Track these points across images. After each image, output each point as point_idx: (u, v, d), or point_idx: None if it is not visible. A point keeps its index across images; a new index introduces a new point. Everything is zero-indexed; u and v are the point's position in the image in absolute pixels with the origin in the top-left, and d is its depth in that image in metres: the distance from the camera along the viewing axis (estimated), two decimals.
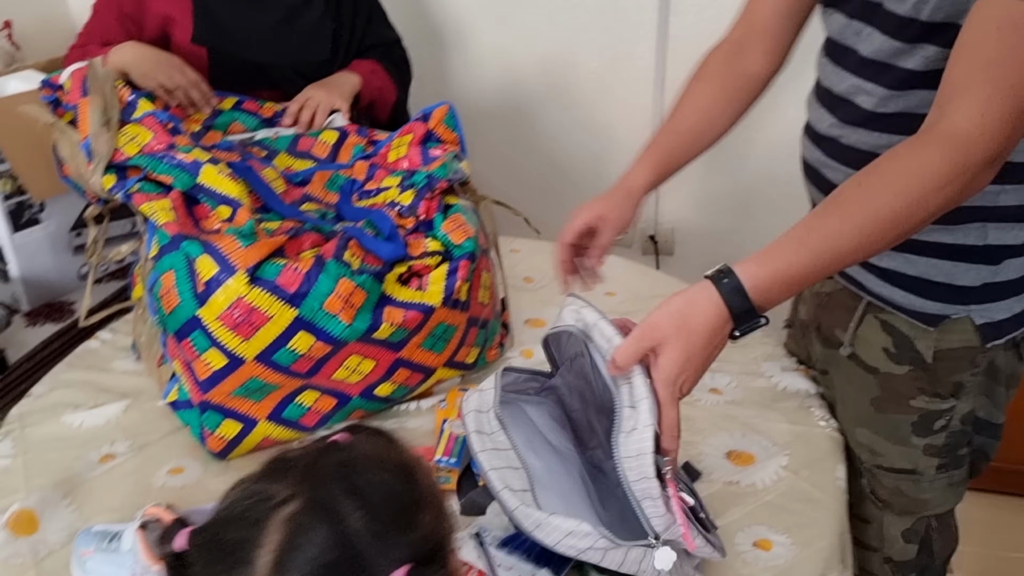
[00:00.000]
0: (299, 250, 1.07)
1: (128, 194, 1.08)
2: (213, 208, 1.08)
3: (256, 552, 0.54)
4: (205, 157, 1.10)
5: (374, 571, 0.55)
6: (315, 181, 1.26)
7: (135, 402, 1.26)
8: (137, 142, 1.13)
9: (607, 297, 1.54)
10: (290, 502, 0.56)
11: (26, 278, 1.63)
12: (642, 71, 1.95)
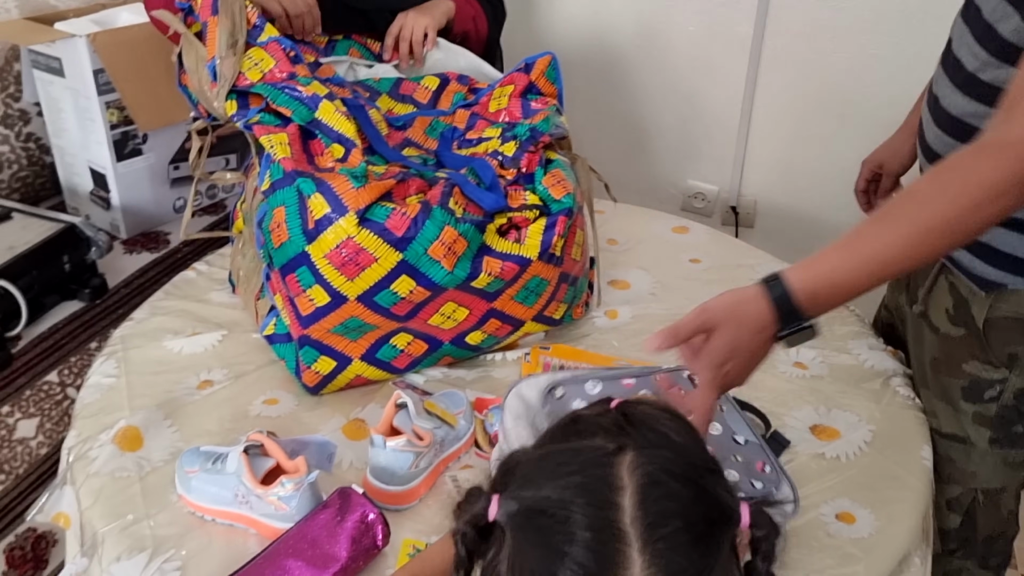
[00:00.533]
0: (405, 194, 1.09)
1: (248, 124, 1.11)
2: (328, 146, 1.10)
3: (613, 496, 0.54)
4: (323, 92, 1.12)
5: (727, 506, 0.57)
6: (416, 126, 1.27)
7: (231, 333, 1.30)
8: (260, 68, 1.14)
9: (692, 264, 1.54)
10: (626, 451, 0.56)
11: (126, 207, 1.68)
12: (739, 39, 1.92)
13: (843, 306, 1.40)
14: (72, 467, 1.07)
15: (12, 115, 1.71)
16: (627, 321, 1.37)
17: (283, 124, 1.12)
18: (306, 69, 1.17)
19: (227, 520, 0.97)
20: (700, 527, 0.54)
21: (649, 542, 0.52)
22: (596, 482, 0.55)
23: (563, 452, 0.58)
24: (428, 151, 1.26)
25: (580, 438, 0.59)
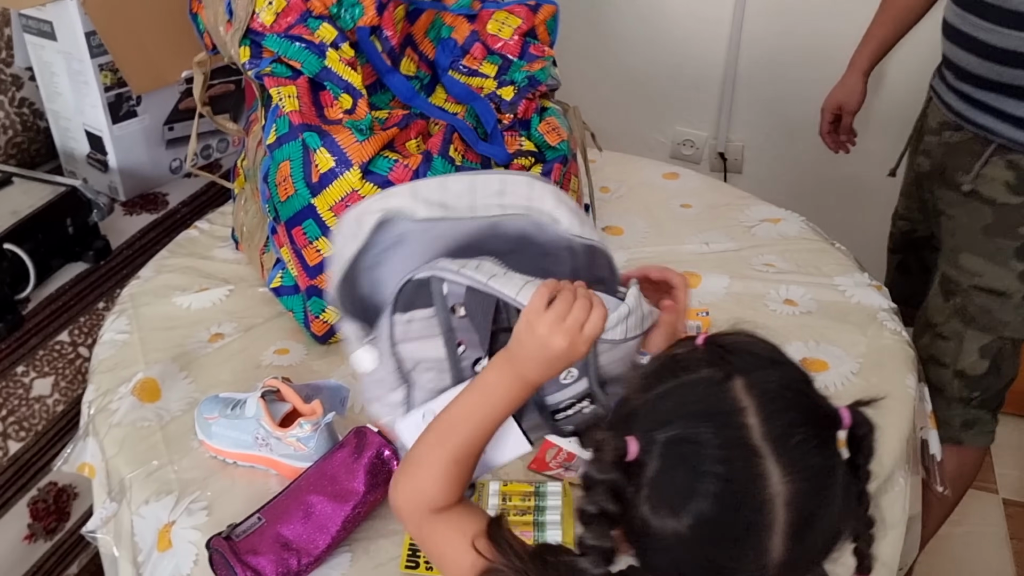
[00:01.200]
0: (407, 140, 1.11)
1: (260, 75, 1.13)
2: (337, 96, 1.11)
3: (737, 417, 0.58)
4: (331, 36, 1.12)
5: (832, 410, 0.62)
6: (421, 20, 1.25)
7: (238, 288, 1.34)
8: (274, 8, 1.14)
9: (683, 209, 1.58)
10: (734, 376, 0.60)
11: (123, 169, 1.70)
12: None
13: (829, 241, 1.47)
14: (94, 419, 1.11)
15: (4, 80, 1.72)
16: (623, 265, 1.39)
17: (294, 76, 1.13)
18: (321, 5, 1.15)
19: (248, 463, 1.02)
20: (820, 431, 0.60)
21: (782, 453, 0.57)
22: (719, 408, 0.59)
23: (679, 388, 0.62)
24: (422, 61, 1.25)
25: (688, 373, 0.63)
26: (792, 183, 2.07)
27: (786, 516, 0.57)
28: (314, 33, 1.15)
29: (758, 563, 0.58)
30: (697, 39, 2.03)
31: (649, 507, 0.60)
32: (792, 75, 2.00)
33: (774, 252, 1.45)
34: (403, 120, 1.13)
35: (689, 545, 0.59)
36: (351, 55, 1.14)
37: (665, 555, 0.61)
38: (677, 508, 0.59)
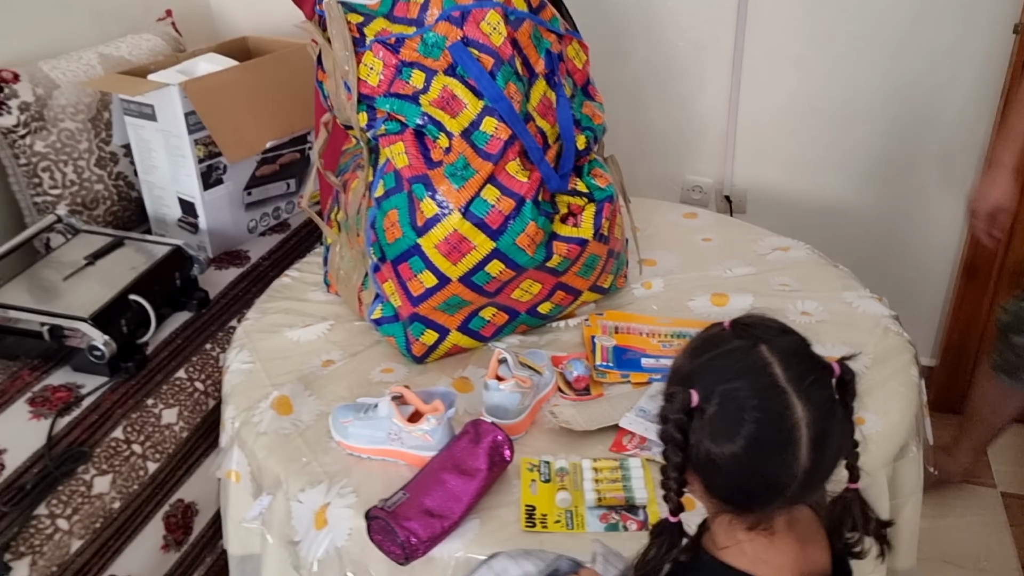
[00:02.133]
0: (508, 162, 1.33)
1: (376, 136, 1.36)
2: (435, 138, 1.34)
3: (767, 369, 0.80)
4: (421, 82, 1.33)
5: (828, 363, 0.83)
6: (524, 28, 1.41)
7: (337, 322, 1.57)
8: (375, 71, 1.36)
9: (705, 243, 1.83)
10: (759, 343, 0.82)
11: (211, 229, 1.93)
12: (723, 52, 2.22)
13: (833, 264, 1.72)
14: (239, 432, 1.32)
15: (104, 157, 1.96)
16: (661, 290, 1.66)
17: (400, 130, 1.36)
18: (415, 43, 1.35)
19: (381, 456, 1.23)
20: (822, 376, 0.82)
21: (801, 390, 0.79)
22: (752, 364, 0.82)
23: (719, 355, 0.85)
24: (527, 65, 1.40)
25: (724, 344, 0.85)
26: (791, 219, 2.33)
27: (808, 433, 0.79)
28: (408, 82, 1.36)
29: (792, 471, 0.80)
30: (701, 97, 2.30)
31: (710, 439, 0.82)
32: (785, 126, 2.28)
33: (787, 275, 1.69)
34: (503, 148, 1.33)
35: (744, 462, 0.81)
36: (438, 93, 1.33)
37: (726, 475, 0.83)
38: (732, 435, 0.81)
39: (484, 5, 1.38)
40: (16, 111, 1.80)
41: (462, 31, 1.36)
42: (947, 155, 2.16)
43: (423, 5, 1.41)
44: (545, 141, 1.42)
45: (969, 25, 2.01)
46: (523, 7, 1.43)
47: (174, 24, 2.26)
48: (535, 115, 1.41)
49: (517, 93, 1.36)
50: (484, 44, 1.35)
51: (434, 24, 1.37)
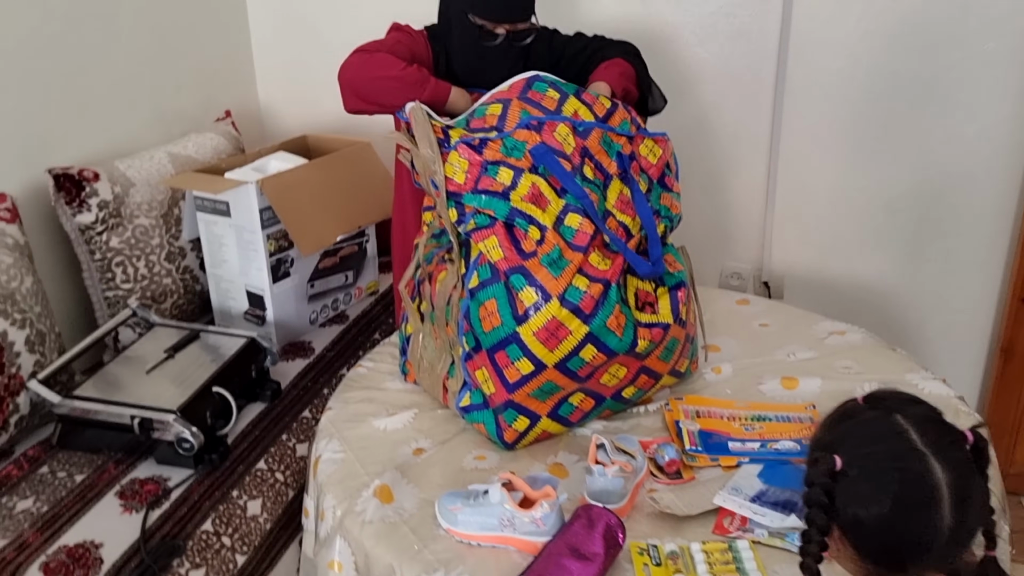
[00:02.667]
0: (591, 254, 1.40)
1: (468, 232, 1.43)
2: (526, 230, 1.40)
3: (904, 435, 0.86)
4: (508, 179, 1.40)
5: (959, 430, 0.88)
6: (593, 136, 1.50)
7: (420, 411, 1.60)
8: (461, 169, 1.43)
9: (762, 328, 1.89)
10: (892, 411, 0.88)
11: (278, 321, 1.98)
12: (759, 141, 2.33)
13: (891, 347, 1.78)
14: (343, 522, 1.34)
15: (173, 252, 2.01)
16: (730, 374, 1.71)
17: (491, 224, 1.42)
18: (497, 145, 1.43)
19: (492, 543, 1.25)
20: (959, 441, 0.87)
21: (938, 453, 0.85)
22: (890, 431, 0.87)
23: (857, 424, 0.91)
24: (599, 169, 1.49)
25: (860, 415, 0.91)
26: (827, 302, 2.40)
27: (949, 493, 0.84)
28: (496, 179, 1.43)
29: (937, 529, 0.85)
30: (738, 187, 2.40)
31: (857, 501, 0.87)
32: (821, 212, 2.37)
33: (848, 358, 1.74)
34: (588, 241, 1.40)
35: (891, 522, 0.86)
36: (527, 189, 1.40)
37: (875, 536, 0.87)
38: (878, 496, 0.86)
39: (554, 118, 1.49)
40: (96, 209, 1.86)
41: (540, 136, 1.46)
42: (978, 240, 2.25)
43: (501, 115, 1.51)
44: (627, 232, 1.49)
45: (993, 118, 2.13)
46: (590, 118, 1.54)
47: (234, 123, 2.35)
48: (614, 211, 1.49)
49: (592, 194, 1.44)
50: (560, 150, 1.45)
51: (513, 131, 1.46)
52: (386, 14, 2.53)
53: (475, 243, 1.43)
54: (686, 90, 2.33)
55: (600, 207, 1.47)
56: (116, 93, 2.10)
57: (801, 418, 1.52)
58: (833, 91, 2.24)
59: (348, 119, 2.64)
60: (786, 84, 2.26)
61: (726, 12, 2.25)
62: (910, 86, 2.17)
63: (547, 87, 1.56)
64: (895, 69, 2.17)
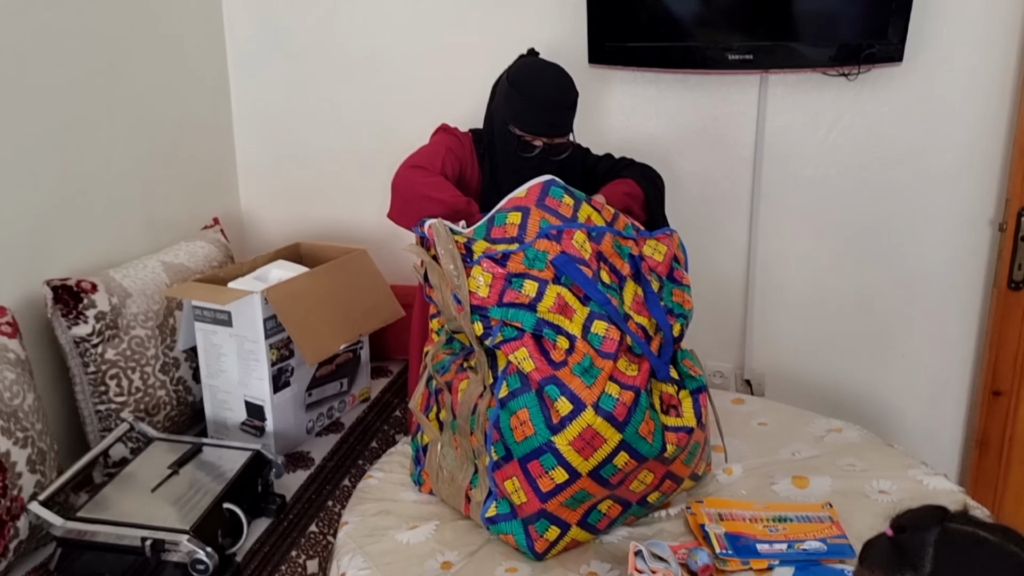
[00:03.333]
0: (619, 360, 1.42)
1: (495, 344, 1.44)
2: (554, 340, 1.43)
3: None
4: (533, 291, 1.43)
5: None
6: (606, 240, 1.54)
7: (442, 522, 1.57)
8: (484, 282, 1.45)
9: (761, 427, 1.93)
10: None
11: (277, 432, 1.94)
12: (737, 247, 2.43)
13: (888, 443, 1.83)
14: None
15: (168, 363, 1.97)
16: (742, 475, 1.73)
17: (519, 335, 1.44)
18: (520, 257, 1.46)
19: None
20: None
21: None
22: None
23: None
24: (614, 272, 1.53)
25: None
26: (806, 399, 2.47)
27: None
28: (521, 292, 1.46)
29: None
30: (718, 290, 2.49)
31: None
32: (798, 313, 2.46)
33: (850, 455, 1.79)
34: (616, 347, 1.43)
35: None
36: (553, 300, 1.43)
37: None
38: None
39: (571, 225, 1.54)
40: (92, 320, 1.82)
41: (560, 245, 1.50)
42: (949, 336, 2.36)
43: (521, 224, 1.55)
44: (647, 334, 1.52)
45: (953, 221, 2.27)
46: (601, 222, 1.59)
47: (222, 231, 2.34)
48: (632, 314, 1.52)
49: (613, 298, 1.48)
50: (579, 257, 1.49)
51: (534, 241, 1.50)
52: (366, 131, 2.61)
53: (504, 354, 1.44)
54: (668, 196, 2.42)
55: (620, 310, 1.50)
56: (108, 202, 2.09)
57: (821, 517, 1.55)
58: (806, 197, 2.36)
59: (330, 226, 2.68)
60: (762, 190, 2.38)
61: (704, 124, 2.37)
62: (878, 192, 2.30)
63: (562, 193, 1.61)
64: (864, 176, 2.31)
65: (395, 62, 2.55)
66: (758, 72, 2.24)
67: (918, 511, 0.98)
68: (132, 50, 2.18)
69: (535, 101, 1.82)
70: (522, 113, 1.82)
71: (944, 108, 2.20)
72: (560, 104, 1.84)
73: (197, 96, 2.47)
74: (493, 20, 2.44)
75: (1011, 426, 2.30)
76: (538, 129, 1.82)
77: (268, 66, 2.64)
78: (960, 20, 2.13)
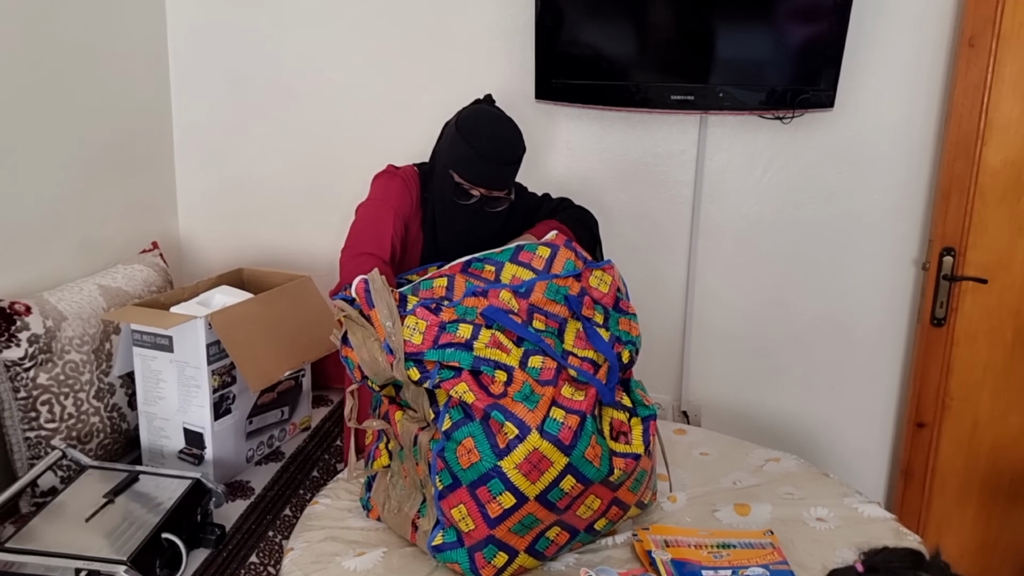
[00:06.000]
0: (562, 388, 1.44)
1: (436, 384, 1.44)
2: (492, 375, 1.44)
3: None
4: (468, 332, 1.45)
5: None
6: (536, 291, 1.56)
7: (390, 549, 1.56)
8: (418, 330, 1.46)
9: (702, 456, 1.97)
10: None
11: (217, 460, 1.89)
12: (676, 282, 2.49)
13: (824, 472, 1.89)
14: None
15: (103, 389, 1.91)
16: (686, 502, 1.76)
17: (457, 374, 1.46)
18: (451, 311, 1.48)
19: None
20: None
21: None
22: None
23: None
24: (551, 317, 1.55)
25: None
26: (742, 429, 2.53)
27: None
28: (456, 334, 1.48)
29: None
30: (657, 325, 2.54)
31: None
32: (733, 346, 2.53)
33: (788, 484, 1.84)
34: (555, 375, 1.45)
35: None
36: (488, 338, 1.45)
37: None
38: None
39: (496, 286, 1.56)
40: (25, 343, 1.76)
41: (487, 300, 1.53)
42: (876, 373, 2.46)
43: (448, 287, 1.57)
44: (595, 365, 1.55)
45: (881, 258, 2.38)
46: (529, 275, 1.61)
47: (162, 255, 2.30)
48: (575, 351, 1.55)
49: (548, 339, 1.51)
50: (508, 309, 1.52)
51: (462, 299, 1.53)
52: (312, 160, 2.61)
53: (444, 391, 1.45)
54: (609, 231, 2.48)
55: (558, 349, 1.53)
56: (44, 223, 2.03)
57: (763, 544, 1.59)
58: (743, 233, 2.44)
59: (272, 252, 2.65)
60: (700, 227, 2.45)
61: (646, 162, 2.44)
62: (810, 230, 2.40)
63: (482, 265, 1.63)
64: (797, 215, 2.40)
65: (344, 93, 2.56)
66: (698, 112, 2.32)
67: (893, 553, 1.01)
68: (72, 71, 2.14)
69: (479, 151, 1.79)
70: (464, 161, 1.80)
71: (872, 152, 2.32)
72: (504, 159, 1.82)
73: (137, 118, 2.43)
74: (444, 55, 2.48)
75: (933, 457, 2.40)
76: (476, 180, 1.80)
77: (212, 91, 2.62)
78: (887, 70, 2.26)
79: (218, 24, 2.57)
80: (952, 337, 2.30)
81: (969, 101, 2.16)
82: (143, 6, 2.43)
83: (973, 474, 2.38)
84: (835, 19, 2.14)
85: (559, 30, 2.25)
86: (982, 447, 2.36)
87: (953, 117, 2.18)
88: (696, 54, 2.23)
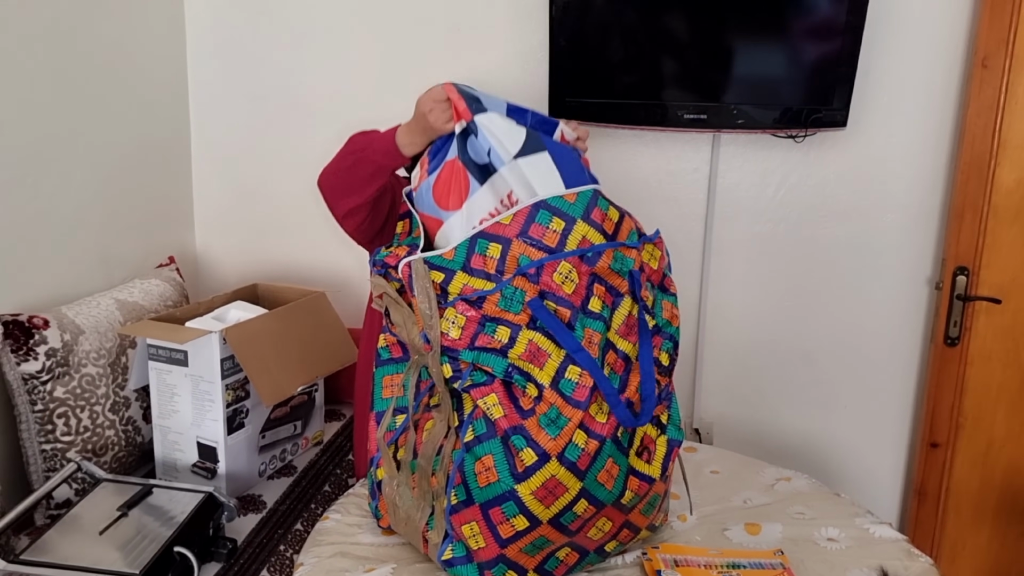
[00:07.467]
0: (591, 405, 1.42)
1: (465, 388, 1.45)
2: (523, 387, 1.43)
3: None
4: (505, 336, 1.43)
5: None
6: (604, 259, 1.49)
7: (399, 565, 1.56)
8: (457, 325, 1.45)
9: (713, 475, 1.97)
10: None
11: (230, 474, 1.91)
12: (689, 300, 2.49)
13: (835, 492, 1.88)
14: None
15: (118, 402, 1.93)
16: (696, 522, 1.76)
17: (489, 381, 1.44)
18: (495, 298, 1.44)
19: None
20: None
21: None
22: None
23: None
24: (610, 290, 1.49)
25: None
26: (754, 447, 2.53)
27: None
28: (494, 337, 1.45)
29: None
30: None
31: None
32: (746, 364, 2.53)
33: (799, 503, 1.84)
34: (588, 395, 1.43)
35: None
36: (524, 347, 1.42)
37: None
38: None
39: (556, 257, 1.48)
40: (43, 357, 1.78)
41: (538, 287, 1.48)
42: (889, 392, 2.45)
43: (500, 257, 1.52)
44: (627, 362, 1.51)
45: (894, 278, 2.38)
46: (600, 239, 1.52)
47: (178, 270, 2.32)
48: (616, 340, 1.50)
49: (595, 335, 1.47)
50: (558, 296, 1.49)
51: (512, 278, 1.49)
52: None
53: (472, 398, 1.46)
54: None
55: (602, 342, 1.47)
56: (62, 238, 2.06)
57: (773, 564, 1.58)
58: (755, 252, 2.45)
59: (287, 267, 2.67)
60: (712, 245, 2.45)
61: (659, 179, 2.45)
62: (823, 249, 2.40)
63: (550, 217, 1.52)
64: (809, 234, 2.40)
65: (360, 108, 2.59)
66: (711, 131, 2.33)
67: None
68: (92, 88, 2.17)
69: None
70: None
71: (885, 171, 2.32)
72: None
73: (156, 133, 2.47)
74: (458, 71, 2.50)
75: (947, 477, 2.38)
76: None
77: (230, 106, 2.65)
78: (901, 90, 2.26)
79: (237, 42, 2.61)
80: (966, 357, 2.30)
81: (982, 121, 2.16)
82: (163, 22, 2.46)
83: (988, 495, 2.37)
84: (848, 38, 2.14)
85: (573, 50, 2.27)
86: (997, 468, 2.35)
87: (966, 137, 2.18)
88: (709, 73, 2.24)
